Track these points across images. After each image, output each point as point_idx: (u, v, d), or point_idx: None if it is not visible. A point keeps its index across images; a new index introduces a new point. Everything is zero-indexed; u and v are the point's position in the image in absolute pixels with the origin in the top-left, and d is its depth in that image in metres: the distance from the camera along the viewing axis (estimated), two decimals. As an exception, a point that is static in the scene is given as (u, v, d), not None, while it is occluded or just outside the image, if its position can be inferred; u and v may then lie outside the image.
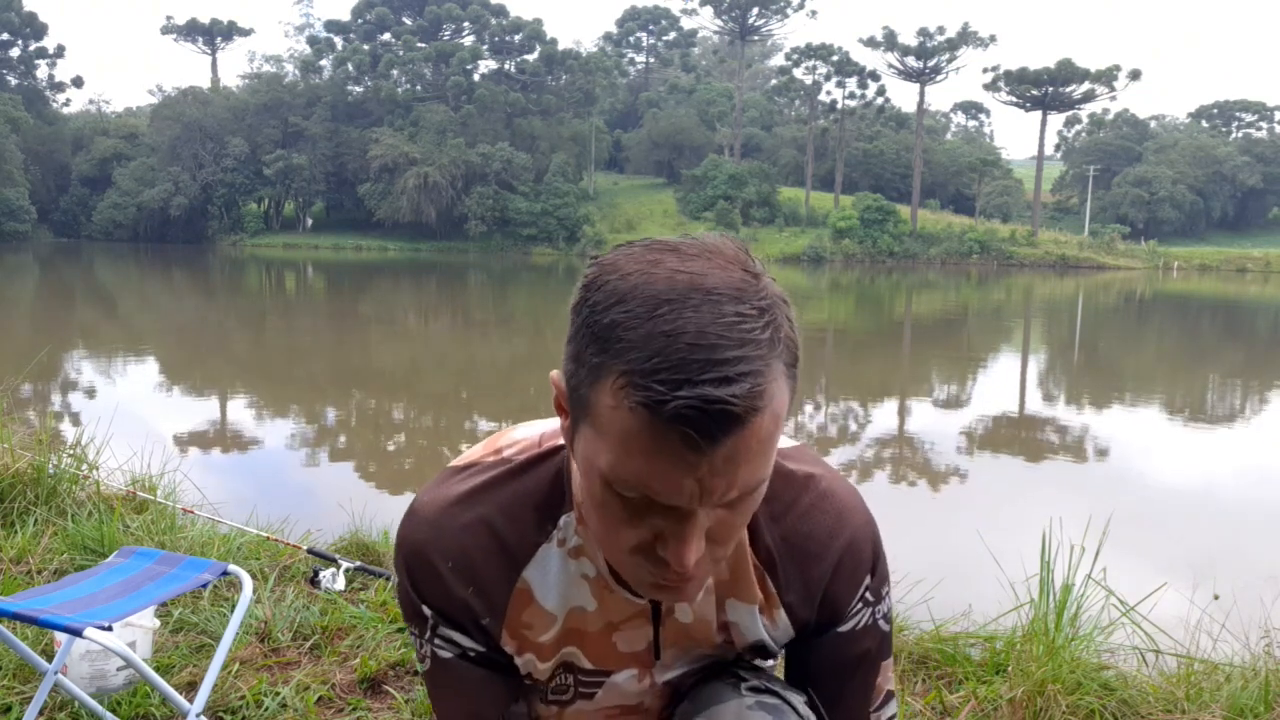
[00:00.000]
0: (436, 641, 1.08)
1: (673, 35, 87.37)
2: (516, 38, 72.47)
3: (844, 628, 1.11)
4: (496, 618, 1.06)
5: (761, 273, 0.83)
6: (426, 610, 1.06)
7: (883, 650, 1.14)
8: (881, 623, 1.13)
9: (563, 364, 0.87)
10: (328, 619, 3.06)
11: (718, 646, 1.12)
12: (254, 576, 3.02)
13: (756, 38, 79.31)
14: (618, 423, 0.80)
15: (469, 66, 70.81)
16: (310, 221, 70.49)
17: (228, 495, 5.15)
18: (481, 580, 1.04)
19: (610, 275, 0.82)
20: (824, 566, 1.07)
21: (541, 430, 1.09)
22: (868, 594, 1.11)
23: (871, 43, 66.40)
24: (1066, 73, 65.02)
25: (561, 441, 1.05)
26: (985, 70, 75.86)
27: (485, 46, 73.17)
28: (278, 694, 2.58)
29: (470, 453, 1.11)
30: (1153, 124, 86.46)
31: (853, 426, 11.20)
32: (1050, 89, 65.85)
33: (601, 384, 0.80)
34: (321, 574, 3.42)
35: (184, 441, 8.50)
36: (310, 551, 3.65)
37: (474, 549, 1.03)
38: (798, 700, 1.12)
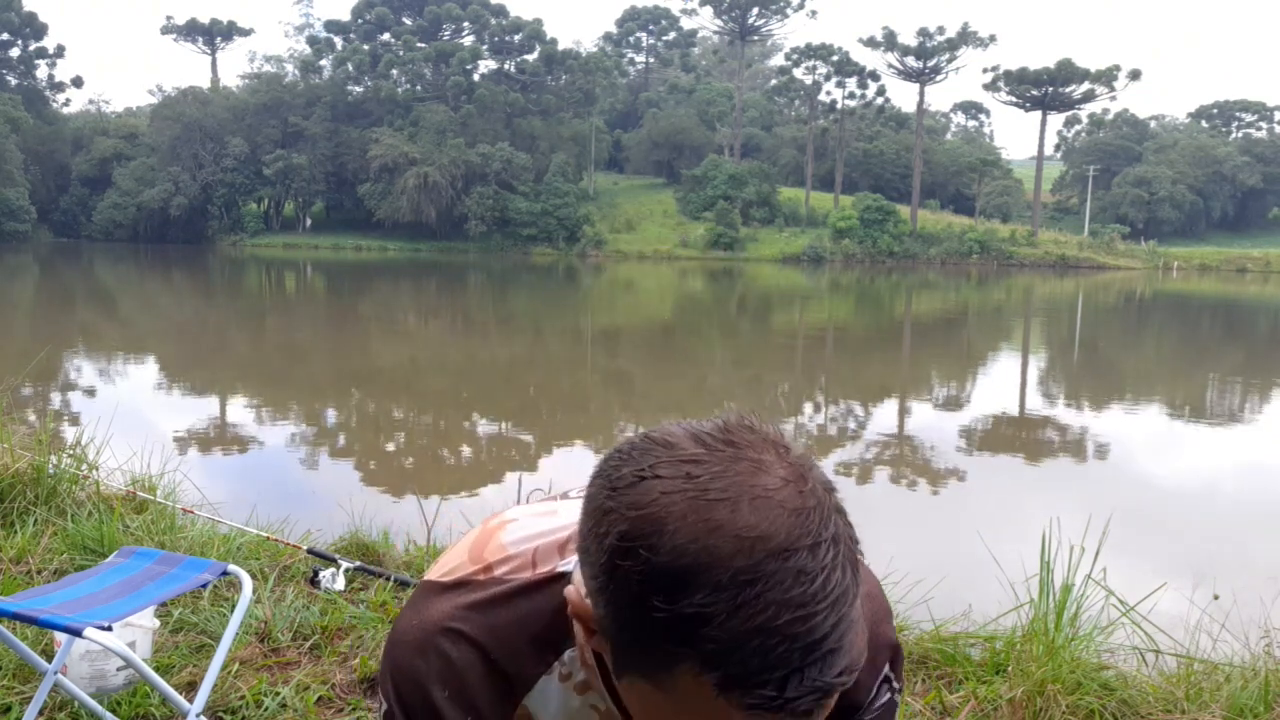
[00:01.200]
0: None
1: (672, 35, 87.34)
2: (516, 38, 72.47)
3: (866, 717, 1.09)
4: None
5: (806, 470, 0.75)
6: None
7: (893, 716, 1.13)
8: (896, 696, 1.12)
9: (591, 602, 0.79)
10: (327, 619, 3.05)
11: None
12: (254, 576, 3.02)
13: (756, 38, 79.30)
14: (703, 704, 0.72)
15: (469, 66, 70.81)
16: (310, 221, 70.49)
17: (227, 495, 5.15)
18: (479, 708, 0.98)
19: (655, 537, 0.71)
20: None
21: (534, 545, 1.00)
22: (890, 679, 1.10)
23: (871, 43, 66.42)
24: (1066, 73, 65.03)
25: (560, 568, 0.97)
26: (985, 70, 75.94)
27: (485, 46, 73.16)
28: (278, 694, 2.58)
29: (452, 563, 1.03)
30: (1153, 124, 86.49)
31: (853, 427, 11.20)
32: (1050, 89, 65.85)
33: (679, 670, 0.72)
34: (321, 574, 3.42)
35: (184, 442, 8.50)
36: (310, 551, 3.65)
37: (469, 676, 0.97)
38: None
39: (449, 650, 0.96)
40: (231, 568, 2.46)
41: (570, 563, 0.97)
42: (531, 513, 1.05)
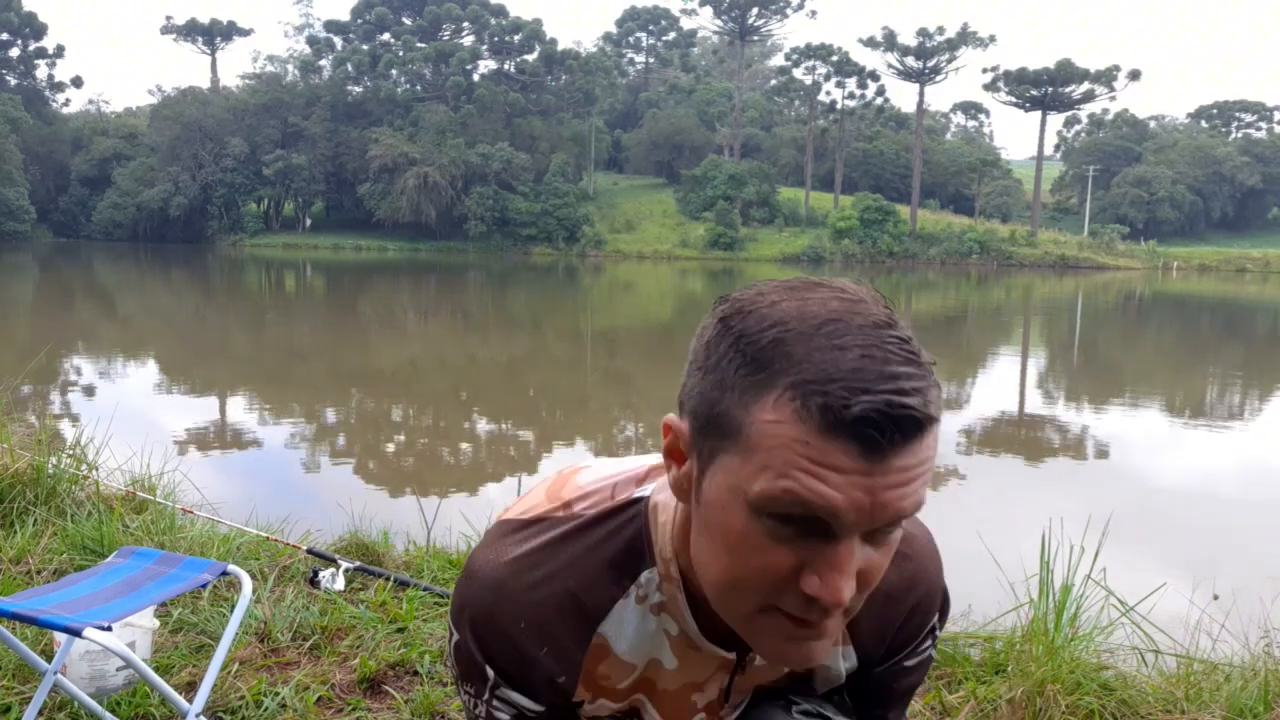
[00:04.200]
0: (494, 703, 1.04)
1: (672, 35, 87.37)
2: (516, 38, 72.47)
3: (908, 662, 1.14)
4: (572, 674, 1.02)
5: (897, 314, 0.83)
6: (490, 671, 1.02)
7: (926, 673, 1.19)
8: (933, 650, 1.17)
9: (684, 403, 0.85)
10: (327, 619, 3.05)
11: (782, 679, 1.12)
12: (253, 576, 3.02)
13: (756, 38, 79.28)
14: (784, 434, 0.77)
15: (469, 66, 70.82)
16: (310, 221, 70.49)
17: (227, 495, 5.15)
18: (556, 639, 1.00)
19: (758, 304, 0.81)
20: (900, 610, 1.08)
21: (613, 480, 1.04)
22: (935, 632, 1.14)
23: (871, 43, 66.42)
24: (1066, 73, 65.04)
25: (639, 494, 1.02)
26: (985, 70, 75.91)
27: (485, 46, 73.17)
28: (277, 694, 2.58)
29: (529, 503, 1.06)
30: (1152, 124, 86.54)
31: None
32: (1050, 89, 65.87)
33: (762, 401, 0.77)
34: (321, 574, 3.42)
35: (183, 442, 8.50)
36: (310, 551, 3.65)
37: (547, 609, 0.99)
38: None
39: (527, 584, 0.98)
40: (231, 568, 2.46)
41: (648, 488, 1.02)
42: (608, 461, 1.10)
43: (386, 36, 74.19)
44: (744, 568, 0.84)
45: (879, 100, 69.30)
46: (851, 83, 68.80)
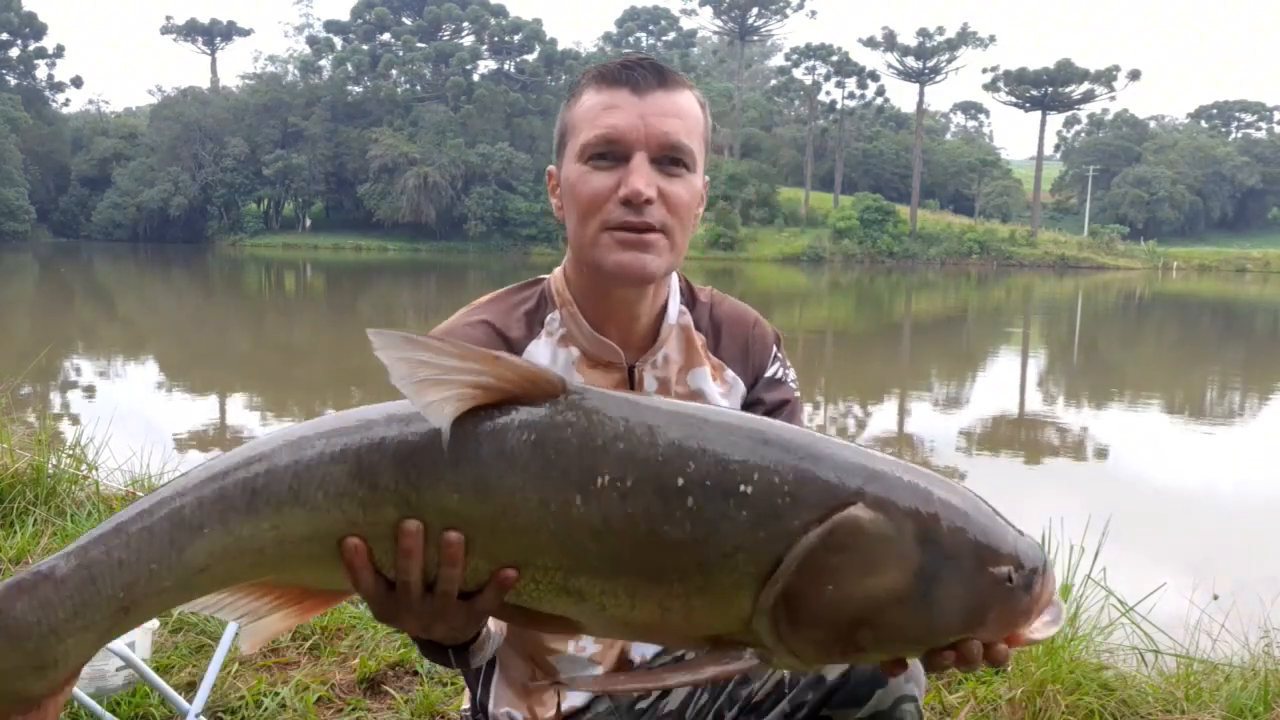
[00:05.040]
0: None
1: (672, 35, 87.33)
2: (516, 38, 72.48)
3: (769, 374, 1.51)
4: None
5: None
6: None
7: (799, 411, 1.53)
8: (792, 385, 1.53)
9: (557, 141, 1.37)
10: (327, 619, 3.05)
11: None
12: (253, 576, 3.01)
13: (756, 38, 79.28)
14: (587, 103, 1.30)
15: (469, 66, 70.83)
16: (310, 221, 70.48)
17: (227, 495, 5.13)
18: None
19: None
20: (746, 333, 1.50)
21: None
22: (779, 356, 1.54)
23: (871, 43, 66.42)
24: (1066, 73, 65.06)
25: (540, 276, 1.47)
26: (985, 70, 75.88)
27: (485, 47, 73.18)
28: (277, 694, 2.58)
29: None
30: (1152, 124, 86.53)
31: (852, 427, 11.20)
32: (1050, 89, 65.89)
33: (576, 97, 1.32)
34: (321, 574, 3.41)
35: (183, 441, 8.50)
36: (310, 551, 3.64)
37: (478, 333, 1.38)
38: None
39: (464, 322, 1.41)
40: (231, 568, 2.45)
41: (546, 275, 1.48)
42: None
43: (386, 36, 74.19)
44: (586, 198, 1.28)
45: (879, 100, 69.29)
46: (851, 83, 68.79)
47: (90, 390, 11.89)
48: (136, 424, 7.65)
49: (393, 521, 0.92)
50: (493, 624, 1.17)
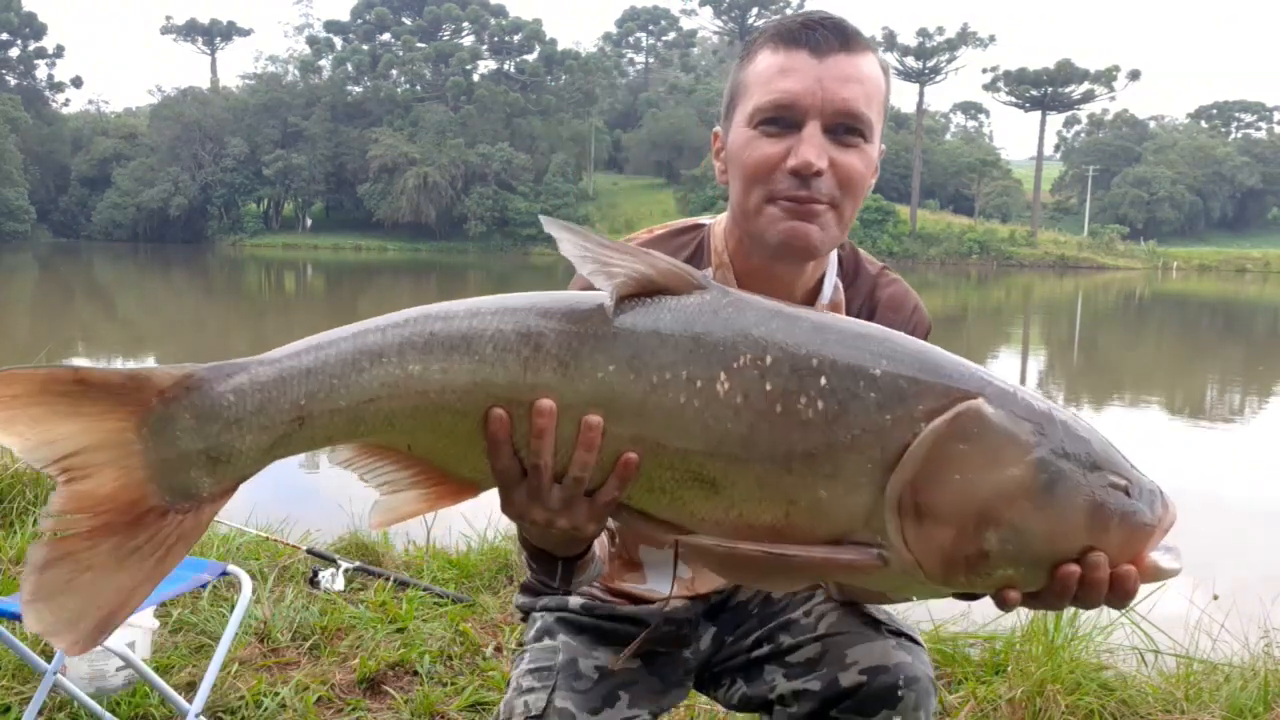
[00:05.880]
0: None
1: (672, 35, 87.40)
2: (516, 38, 72.49)
3: None
4: None
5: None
6: None
7: None
8: None
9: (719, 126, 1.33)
10: (327, 619, 3.06)
11: None
12: (253, 577, 3.02)
13: (756, 38, 79.20)
14: (762, 65, 1.23)
15: (468, 66, 70.84)
16: (310, 221, 70.47)
17: (227, 495, 5.13)
18: None
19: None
20: (904, 315, 1.46)
21: (682, 220, 1.48)
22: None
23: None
24: (1066, 73, 65.06)
25: (701, 220, 1.45)
26: (985, 70, 75.92)
27: (485, 46, 73.20)
28: (277, 694, 2.58)
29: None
30: (1152, 124, 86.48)
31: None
32: (1050, 89, 65.88)
33: (750, 57, 1.26)
34: (321, 574, 3.42)
35: (183, 441, 8.48)
36: (309, 552, 3.65)
37: None
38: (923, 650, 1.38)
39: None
40: (231, 568, 2.46)
41: (706, 219, 1.46)
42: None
43: (386, 36, 74.19)
44: (751, 166, 1.23)
45: (879, 100, 69.20)
46: (851, 83, 68.66)
47: (90, 390, 11.88)
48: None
49: (546, 388, 0.97)
50: (597, 547, 1.24)
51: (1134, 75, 65.57)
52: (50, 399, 0.89)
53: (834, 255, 1.43)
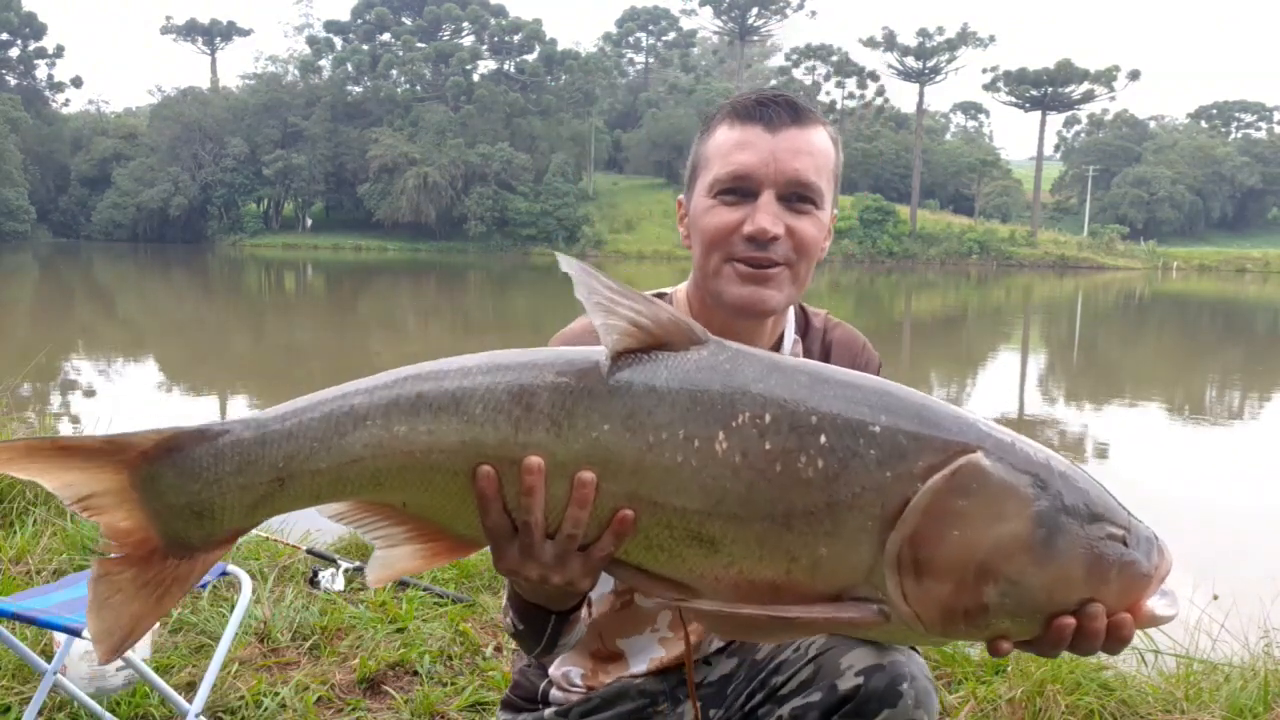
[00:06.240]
0: None
1: (672, 35, 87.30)
2: (516, 38, 72.45)
3: None
4: None
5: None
6: None
7: None
8: None
9: (689, 176, 1.41)
10: (327, 619, 3.06)
11: None
12: (253, 577, 3.02)
13: (756, 38, 79.29)
14: (719, 138, 1.34)
15: (468, 67, 70.79)
16: (310, 222, 70.43)
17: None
18: None
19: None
20: (855, 352, 1.57)
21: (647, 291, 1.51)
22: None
23: (871, 43, 66.38)
24: (1066, 73, 65.03)
25: (664, 290, 1.50)
26: (984, 70, 75.91)
27: (485, 47, 73.15)
28: (277, 694, 2.58)
29: None
30: (1152, 124, 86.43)
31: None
32: (1050, 89, 65.85)
33: (710, 131, 1.36)
34: (321, 574, 3.42)
35: (183, 441, 8.47)
36: (309, 552, 3.65)
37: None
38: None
39: (589, 335, 1.27)
40: (230, 568, 2.46)
41: (669, 289, 1.51)
42: None
43: (386, 36, 74.13)
44: (711, 231, 1.33)
45: (879, 100, 69.28)
46: (851, 83, 68.80)
47: (90, 390, 11.90)
48: (136, 424, 7.64)
49: (537, 447, 0.96)
50: (582, 612, 1.25)
51: (1134, 75, 65.57)
52: (40, 463, 0.97)
53: (791, 311, 1.53)
